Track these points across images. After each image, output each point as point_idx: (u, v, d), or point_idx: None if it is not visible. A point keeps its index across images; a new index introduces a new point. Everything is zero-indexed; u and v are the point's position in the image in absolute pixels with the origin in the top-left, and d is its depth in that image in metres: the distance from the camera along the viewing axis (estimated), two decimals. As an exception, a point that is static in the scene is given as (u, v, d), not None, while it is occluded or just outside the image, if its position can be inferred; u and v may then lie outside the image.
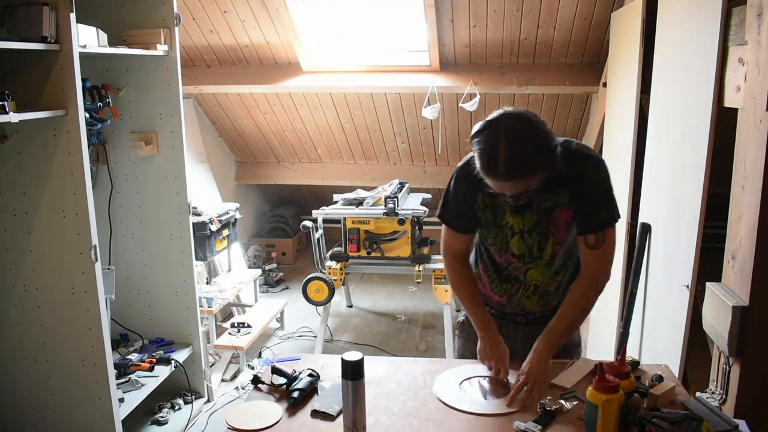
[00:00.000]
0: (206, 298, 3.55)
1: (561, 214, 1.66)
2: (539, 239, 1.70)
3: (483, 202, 1.71)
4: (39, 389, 2.49)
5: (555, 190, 1.63)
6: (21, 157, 2.31)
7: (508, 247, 1.73)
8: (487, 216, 1.72)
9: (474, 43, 4.04)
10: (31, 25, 2.09)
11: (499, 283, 1.81)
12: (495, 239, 1.75)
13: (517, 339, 1.84)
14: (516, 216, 1.68)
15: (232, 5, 3.91)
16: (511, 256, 1.74)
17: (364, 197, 4.00)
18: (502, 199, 1.64)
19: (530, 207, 1.66)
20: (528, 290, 1.78)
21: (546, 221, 1.67)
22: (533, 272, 1.74)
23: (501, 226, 1.72)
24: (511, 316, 1.85)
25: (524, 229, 1.69)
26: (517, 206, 1.64)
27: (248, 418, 1.55)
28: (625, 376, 1.42)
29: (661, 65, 2.53)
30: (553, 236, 1.68)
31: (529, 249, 1.72)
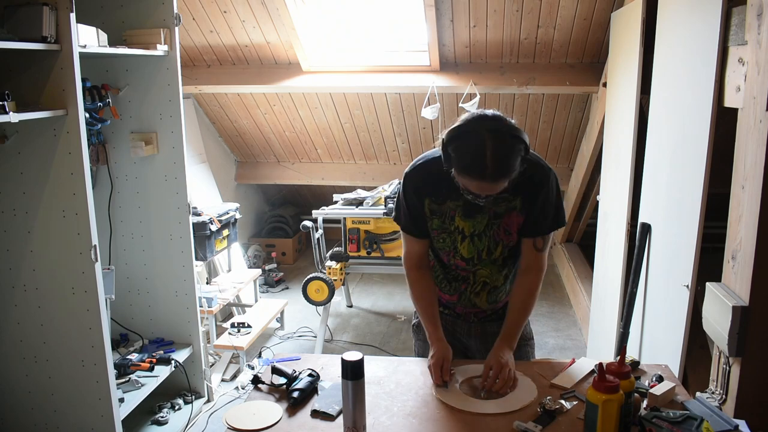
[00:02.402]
0: (206, 298, 3.55)
1: (513, 219, 1.70)
2: (489, 243, 1.73)
3: (429, 208, 1.73)
4: (39, 389, 2.49)
5: (507, 196, 1.65)
6: (21, 157, 2.31)
7: (457, 250, 1.76)
8: (433, 222, 1.75)
9: (474, 43, 4.04)
10: (31, 25, 2.09)
11: (447, 283, 1.85)
12: (443, 243, 1.77)
13: (471, 335, 1.90)
14: (466, 220, 1.71)
15: (232, 5, 3.91)
16: (460, 259, 1.77)
17: (364, 197, 4.00)
18: (449, 205, 1.69)
19: (480, 211, 1.68)
20: (477, 287, 1.82)
21: (496, 225, 1.71)
22: (482, 271, 1.79)
23: (449, 231, 1.74)
24: (463, 316, 1.89)
25: (474, 232, 1.72)
26: (467, 211, 1.68)
27: (248, 418, 1.55)
28: (625, 376, 1.42)
29: (661, 65, 2.53)
30: (503, 241, 1.73)
31: (478, 252, 1.75)
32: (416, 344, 2.01)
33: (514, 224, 1.71)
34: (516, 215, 1.70)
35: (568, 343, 4.03)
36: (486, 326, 1.89)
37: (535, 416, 1.52)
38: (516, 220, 1.71)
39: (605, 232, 3.39)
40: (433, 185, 1.70)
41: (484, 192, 1.54)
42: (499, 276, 1.81)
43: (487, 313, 1.87)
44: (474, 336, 1.91)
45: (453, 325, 1.91)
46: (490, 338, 1.86)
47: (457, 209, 1.70)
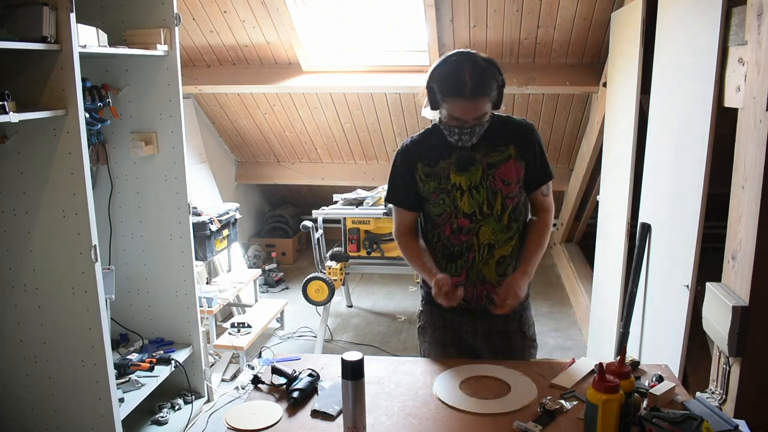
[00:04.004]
0: (206, 298, 3.55)
1: (510, 168, 1.79)
2: (487, 194, 1.79)
3: (423, 172, 1.81)
4: (39, 389, 2.49)
5: (497, 147, 1.78)
6: (21, 157, 2.31)
7: (458, 208, 1.80)
8: (430, 185, 1.81)
9: (474, 43, 4.04)
10: (31, 25, 2.09)
11: (452, 262, 1.85)
12: (443, 206, 1.81)
13: (478, 334, 1.90)
14: (461, 174, 1.78)
15: (232, 5, 3.91)
16: (463, 217, 1.81)
17: (364, 197, 4.00)
18: (442, 165, 1.79)
19: (473, 163, 1.78)
20: (483, 253, 1.82)
21: (492, 176, 1.78)
22: (485, 230, 1.81)
23: (447, 190, 1.80)
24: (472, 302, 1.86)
25: (471, 185, 1.79)
26: (460, 165, 1.77)
27: (248, 418, 1.55)
28: (625, 376, 1.42)
29: (661, 65, 2.53)
30: (501, 192, 1.79)
31: (479, 205, 1.80)
32: (422, 347, 2.00)
33: (513, 173, 1.79)
34: (513, 163, 1.78)
35: (568, 343, 4.03)
36: (492, 323, 1.87)
37: (535, 416, 1.52)
38: (515, 169, 1.79)
39: (605, 232, 3.39)
40: (423, 150, 1.82)
41: (467, 114, 1.65)
42: (504, 238, 1.82)
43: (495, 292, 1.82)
44: (481, 336, 1.89)
45: (459, 325, 1.89)
46: (496, 337, 1.88)
47: (450, 166, 1.78)
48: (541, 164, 1.84)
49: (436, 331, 1.93)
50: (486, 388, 1.68)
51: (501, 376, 1.73)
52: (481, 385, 1.70)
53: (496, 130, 1.76)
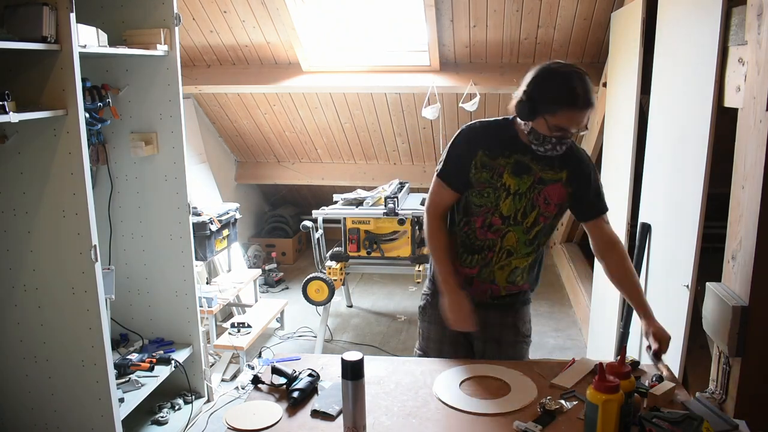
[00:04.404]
0: (206, 298, 3.54)
1: (556, 190, 1.84)
2: (526, 205, 1.83)
3: (481, 161, 1.83)
4: (39, 389, 2.49)
5: (554, 166, 1.82)
6: (21, 157, 2.31)
7: (498, 207, 1.83)
8: (482, 175, 1.83)
9: (474, 43, 4.04)
10: (31, 25, 2.09)
11: (470, 254, 1.89)
12: (486, 199, 1.84)
13: (488, 322, 1.93)
14: (514, 177, 1.82)
15: (232, 5, 3.91)
16: (498, 216, 1.84)
17: (364, 197, 4.00)
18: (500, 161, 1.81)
19: (528, 172, 1.81)
20: (501, 257, 1.87)
21: (537, 191, 1.83)
22: (511, 235, 1.85)
23: (496, 186, 1.83)
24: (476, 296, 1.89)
25: (519, 191, 1.83)
26: (516, 169, 1.81)
27: (248, 418, 1.55)
28: (625, 376, 1.43)
29: (661, 65, 2.53)
30: (539, 208, 1.84)
31: (516, 211, 1.84)
32: (421, 326, 2.04)
33: (556, 196, 1.84)
34: (560, 187, 1.84)
35: (568, 343, 4.03)
36: (489, 314, 1.92)
37: (535, 416, 1.52)
38: (559, 192, 1.84)
39: (605, 232, 3.39)
40: (489, 139, 1.84)
41: (574, 123, 1.68)
42: (524, 250, 1.87)
43: (500, 294, 1.91)
44: (478, 323, 1.90)
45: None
46: (490, 328, 1.93)
47: (506, 166, 1.81)
48: (597, 196, 1.89)
49: (435, 311, 1.95)
50: (486, 388, 1.68)
51: (501, 376, 1.73)
52: (481, 385, 1.70)
53: None
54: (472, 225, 1.87)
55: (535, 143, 1.76)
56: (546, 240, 1.93)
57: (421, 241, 3.85)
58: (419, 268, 3.74)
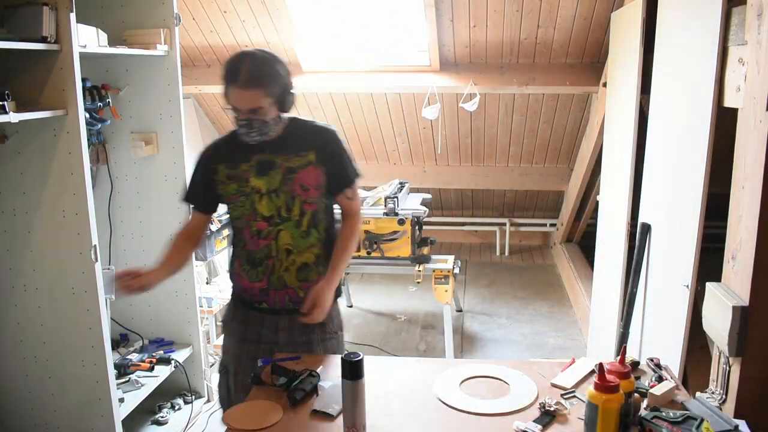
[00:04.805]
0: (206, 298, 3.54)
1: (310, 174, 1.85)
2: (286, 199, 1.84)
3: (224, 174, 1.86)
4: (39, 389, 2.49)
5: (298, 152, 1.84)
6: (21, 157, 2.31)
7: (257, 211, 1.85)
8: (230, 187, 1.86)
9: (474, 43, 4.04)
10: (31, 25, 2.09)
11: (254, 269, 1.90)
12: (243, 209, 1.86)
13: (279, 330, 1.92)
14: (260, 177, 1.83)
15: (232, 5, 3.91)
16: (262, 220, 1.85)
17: (364, 197, 4.00)
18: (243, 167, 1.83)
19: (273, 167, 1.83)
20: (282, 258, 1.87)
21: (291, 181, 1.84)
22: (284, 234, 1.86)
23: (246, 193, 1.85)
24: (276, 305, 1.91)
25: (270, 189, 1.84)
26: (259, 169, 1.82)
27: (248, 418, 1.55)
28: (625, 376, 1.42)
29: (661, 65, 2.53)
30: (300, 197, 1.85)
31: (277, 209, 1.85)
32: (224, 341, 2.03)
33: (313, 179, 1.85)
34: (313, 169, 1.85)
35: (568, 343, 4.03)
36: (294, 319, 1.88)
37: (535, 416, 1.52)
38: (314, 175, 1.85)
39: (605, 232, 3.39)
40: (225, 152, 1.88)
41: (241, 102, 1.72)
42: (303, 244, 1.87)
43: (299, 296, 1.88)
44: (282, 329, 1.92)
45: (261, 321, 1.93)
46: (297, 332, 1.91)
47: (250, 170, 1.84)
48: (342, 169, 1.91)
49: (237, 325, 1.97)
50: (486, 388, 1.68)
51: (501, 376, 1.73)
52: (481, 385, 1.70)
53: (297, 135, 1.86)
54: (243, 239, 1.90)
55: (238, 130, 1.79)
56: (328, 223, 1.93)
57: (421, 241, 3.85)
58: (419, 268, 3.74)
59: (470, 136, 4.95)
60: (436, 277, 3.71)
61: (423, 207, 3.84)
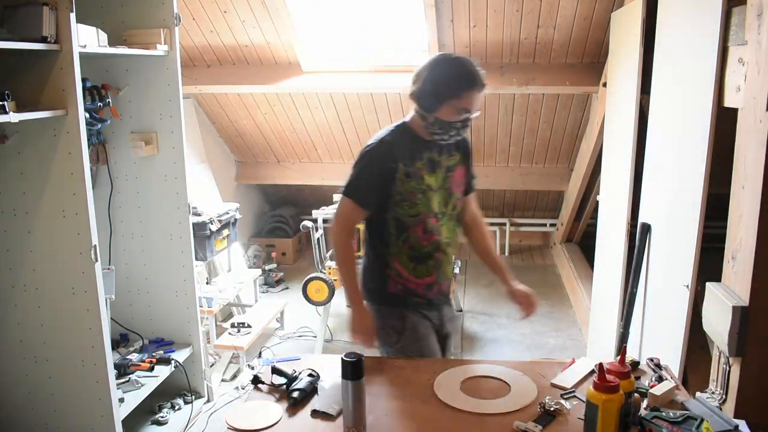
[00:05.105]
0: (206, 298, 3.54)
1: (459, 173, 1.98)
2: (445, 195, 1.95)
3: (404, 171, 1.87)
4: (39, 389, 2.49)
5: (451, 152, 1.95)
6: (21, 157, 2.31)
7: (431, 208, 1.91)
8: (410, 184, 1.88)
9: (474, 43, 4.04)
10: (31, 25, 2.09)
11: (421, 264, 1.94)
12: (420, 206, 1.89)
13: (444, 320, 2.04)
14: (431, 174, 1.91)
15: (232, 5, 3.91)
16: (434, 216, 1.92)
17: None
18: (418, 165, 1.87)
19: (438, 165, 1.92)
20: (447, 252, 1.98)
21: (450, 179, 1.95)
22: (444, 228, 1.95)
23: (423, 190, 1.89)
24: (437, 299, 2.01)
25: (439, 186, 1.93)
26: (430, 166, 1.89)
27: (248, 418, 1.55)
28: (625, 376, 1.42)
29: (661, 65, 2.53)
30: (455, 194, 1.98)
31: (443, 205, 1.95)
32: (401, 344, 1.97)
33: (461, 177, 2.00)
34: (460, 168, 1.99)
35: (568, 343, 4.03)
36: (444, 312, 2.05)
37: (535, 416, 1.52)
38: (461, 173, 1.99)
39: (605, 232, 3.39)
40: (402, 150, 1.88)
41: (475, 105, 1.81)
42: (454, 237, 2.00)
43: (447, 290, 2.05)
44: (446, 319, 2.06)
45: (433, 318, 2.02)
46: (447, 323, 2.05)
47: (423, 168, 1.89)
48: (474, 171, 2.08)
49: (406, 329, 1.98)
50: (486, 388, 1.68)
51: (501, 376, 1.73)
52: (481, 385, 1.70)
53: None
54: (413, 236, 1.92)
55: (439, 132, 1.85)
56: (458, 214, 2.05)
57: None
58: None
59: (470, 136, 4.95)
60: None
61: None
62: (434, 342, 1.99)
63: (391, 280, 1.97)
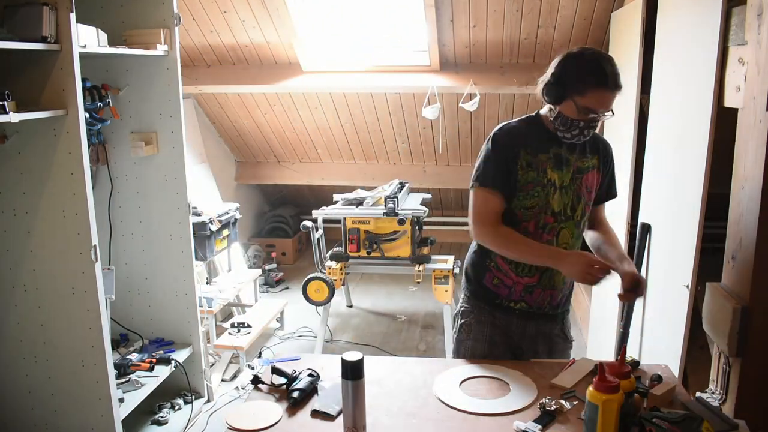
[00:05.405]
0: (206, 298, 3.55)
1: (593, 177, 1.85)
2: (572, 198, 1.82)
3: (525, 160, 1.78)
4: (39, 389, 2.49)
5: (586, 154, 1.83)
6: (21, 157, 2.31)
7: (549, 204, 1.79)
8: (529, 174, 1.78)
9: (474, 43, 4.04)
10: (31, 25, 2.09)
11: (527, 264, 1.82)
12: (536, 199, 1.79)
13: (525, 335, 1.90)
14: (556, 171, 1.79)
15: (232, 5, 3.91)
16: (550, 215, 1.80)
17: (364, 197, 4.00)
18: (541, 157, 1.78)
19: (567, 164, 1.80)
20: None
21: (579, 180, 1.82)
22: (565, 232, 1.82)
23: (543, 183, 1.79)
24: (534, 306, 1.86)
25: (563, 184, 1.81)
26: (556, 162, 1.78)
27: (248, 418, 1.55)
28: (625, 376, 1.42)
29: (661, 65, 2.53)
30: (584, 198, 1.84)
31: (565, 206, 1.81)
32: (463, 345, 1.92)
33: (594, 182, 1.86)
34: (595, 173, 1.86)
35: (568, 343, 4.02)
36: (540, 325, 1.89)
37: (535, 416, 1.52)
38: (595, 178, 1.86)
39: (605, 232, 3.39)
40: (526, 138, 1.80)
41: (602, 105, 1.68)
42: (577, 244, 1.86)
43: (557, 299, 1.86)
44: (528, 337, 1.90)
45: (507, 324, 1.89)
46: (540, 339, 1.90)
47: (548, 161, 1.79)
48: (612, 181, 1.94)
49: (485, 328, 1.90)
50: (486, 388, 1.68)
51: (501, 376, 1.73)
52: (481, 385, 1.70)
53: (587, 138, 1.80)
54: (525, 231, 1.80)
55: (561, 129, 1.74)
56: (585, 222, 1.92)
57: (421, 241, 3.85)
58: (419, 268, 3.74)
59: (470, 136, 4.95)
60: (436, 277, 3.71)
61: (423, 207, 3.84)
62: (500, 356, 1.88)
63: (489, 272, 1.87)
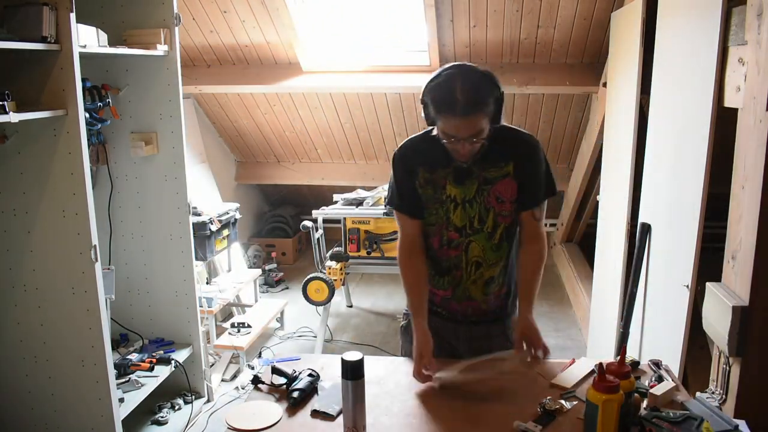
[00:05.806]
0: (206, 298, 3.55)
1: (507, 186, 1.73)
2: (479, 210, 1.74)
3: (423, 177, 1.76)
4: (39, 389, 2.49)
5: (496, 163, 1.72)
6: (21, 157, 2.31)
7: (450, 221, 1.76)
8: (427, 191, 1.76)
9: (474, 43, 4.04)
10: (31, 25, 2.09)
11: (440, 277, 1.83)
12: (436, 217, 1.77)
13: (460, 337, 1.88)
14: (457, 186, 1.73)
15: (232, 5, 3.91)
16: (453, 230, 1.77)
17: (364, 197, 4.00)
18: (440, 173, 1.73)
19: (470, 176, 1.72)
20: (471, 271, 1.79)
21: (487, 192, 1.73)
22: (474, 246, 1.77)
23: (442, 200, 1.75)
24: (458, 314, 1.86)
25: (465, 198, 1.74)
26: (457, 177, 1.72)
27: (248, 418, 1.55)
28: (625, 376, 1.42)
29: (661, 65, 2.53)
30: (495, 209, 1.74)
31: (470, 219, 1.75)
32: (403, 346, 1.98)
33: (508, 191, 1.73)
34: (509, 181, 1.73)
35: (568, 343, 4.02)
36: (473, 329, 1.86)
37: (535, 416, 1.52)
38: (510, 187, 1.73)
39: (605, 232, 3.39)
40: (423, 155, 1.77)
41: (460, 132, 1.58)
42: (493, 257, 1.78)
43: (481, 308, 1.84)
44: (462, 338, 1.88)
45: (440, 327, 1.87)
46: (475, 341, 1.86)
47: (447, 176, 1.74)
48: (535, 186, 1.75)
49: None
50: (486, 388, 1.68)
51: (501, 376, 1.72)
52: (481, 385, 1.69)
53: (498, 144, 1.68)
54: (431, 247, 1.81)
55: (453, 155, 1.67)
56: (513, 239, 1.82)
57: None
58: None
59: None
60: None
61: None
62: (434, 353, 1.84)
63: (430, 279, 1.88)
